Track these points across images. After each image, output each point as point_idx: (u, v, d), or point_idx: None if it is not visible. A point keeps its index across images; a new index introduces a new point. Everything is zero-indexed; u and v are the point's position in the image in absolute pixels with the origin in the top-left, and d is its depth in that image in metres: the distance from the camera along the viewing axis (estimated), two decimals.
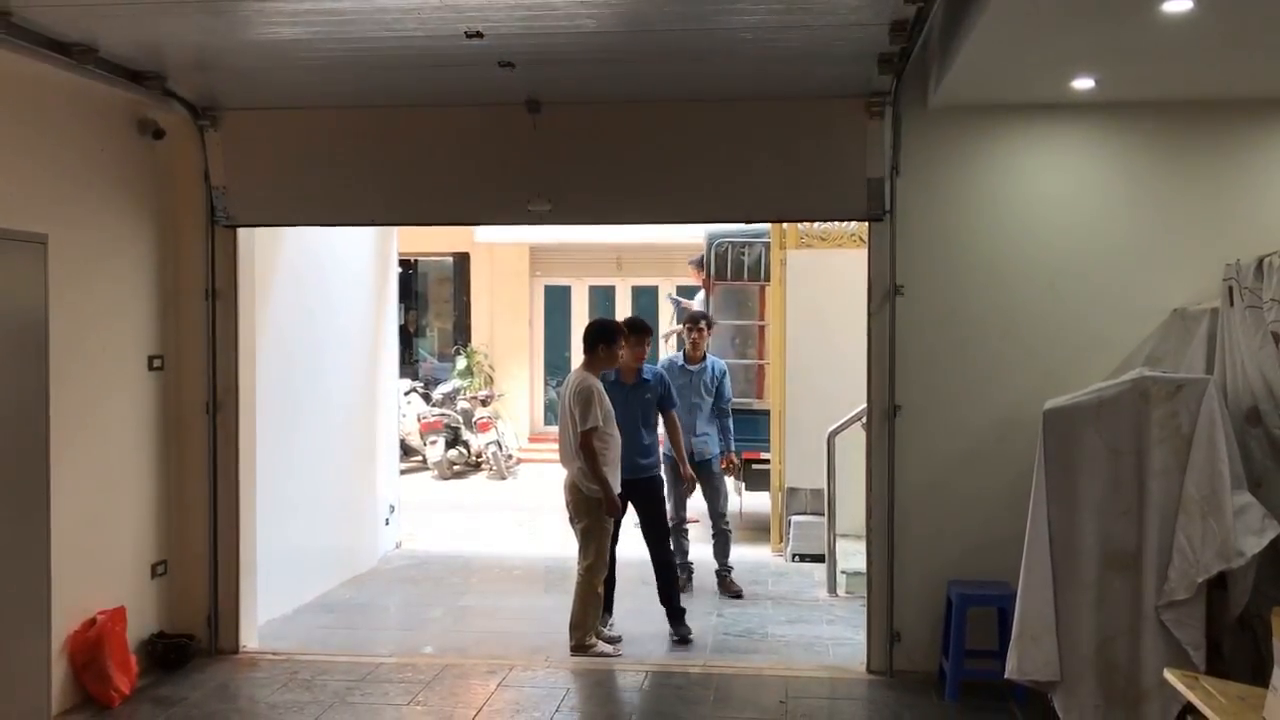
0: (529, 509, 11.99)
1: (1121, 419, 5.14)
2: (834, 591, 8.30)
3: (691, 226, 11.07)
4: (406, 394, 14.19)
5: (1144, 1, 4.45)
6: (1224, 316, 5.38)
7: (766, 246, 10.23)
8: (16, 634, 5.37)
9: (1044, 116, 6.25)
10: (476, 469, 14.89)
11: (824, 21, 5.08)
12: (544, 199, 6.57)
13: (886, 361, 6.35)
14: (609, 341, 6.99)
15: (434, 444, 14.37)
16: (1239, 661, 5.06)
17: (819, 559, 8.79)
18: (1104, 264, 6.23)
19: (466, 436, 14.76)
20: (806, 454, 9.03)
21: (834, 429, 8.33)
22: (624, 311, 15.47)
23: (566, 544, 7.57)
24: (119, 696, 5.94)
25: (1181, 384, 5.11)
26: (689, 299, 11.50)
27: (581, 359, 7.08)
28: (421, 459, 14.59)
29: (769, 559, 9.51)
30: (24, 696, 5.42)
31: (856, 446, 6.90)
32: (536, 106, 6.45)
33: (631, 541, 7.50)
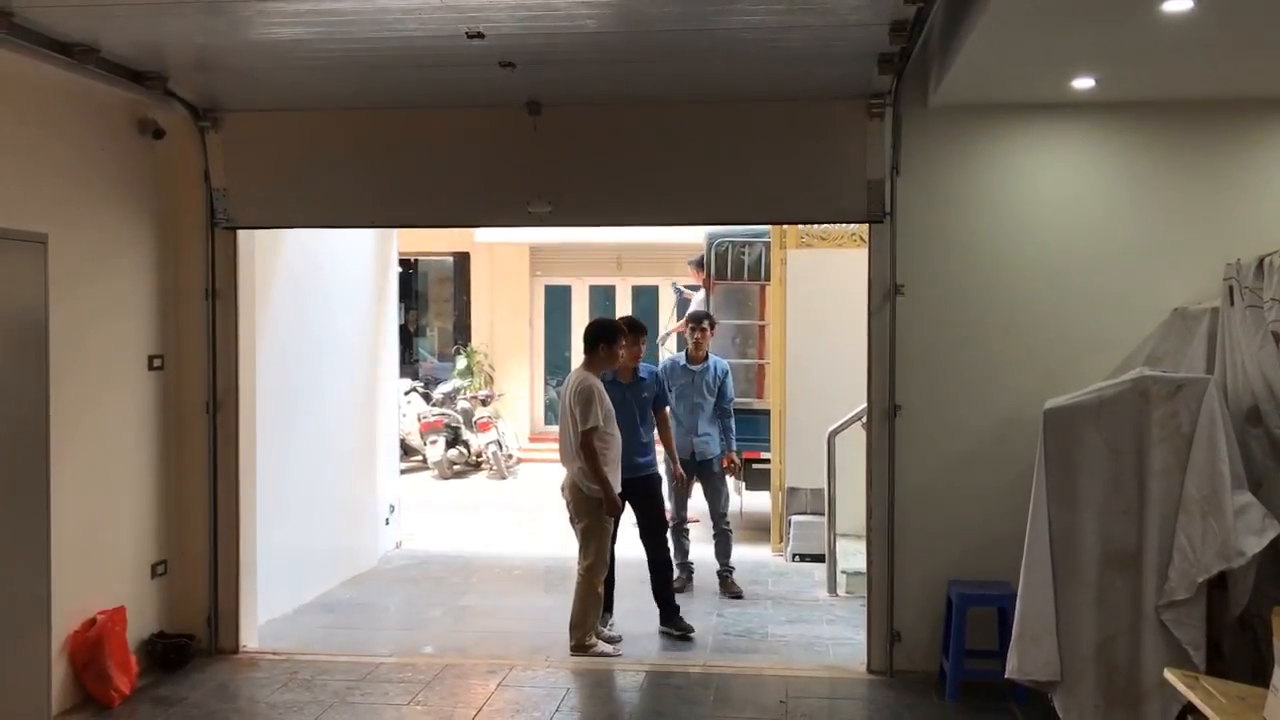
0: (529, 509, 11.98)
1: (1122, 419, 5.13)
2: (834, 591, 8.30)
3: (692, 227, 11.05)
4: (406, 394, 14.19)
5: (1144, 1, 4.45)
6: (1224, 316, 5.38)
7: (767, 246, 10.24)
8: (17, 634, 5.37)
9: (1044, 116, 6.25)
10: (477, 469, 14.89)
11: (824, 21, 5.08)
12: (544, 200, 6.57)
13: (887, 361, 6.35)
14: (609, 341, 6.99)
15: (434, 444, 14.37)
16: (1239, 661, 5.06)
17: (819, 559, 8.79)
18: (1104, 263, 6.23)
19: (467, 436, 14.76)
20: (806, 454, 9.03)
21: (834, 429, 8.33)
22: (624, 311, 15.47)
23: (566, 544, 7.57)
24: (119, 696, 5.94)
25: (1182, 384, 5.11)
26: (693, 289, 11.44)
27: (581, 359, 7.09)
28: (422, 459, 14.59)
29: (769, 559, 9.51)
30: (24, 696, 5.42)
31: (856, 446, 6.90)
32: (537, 108, 6.45)
33: (631, 541, 7.50)
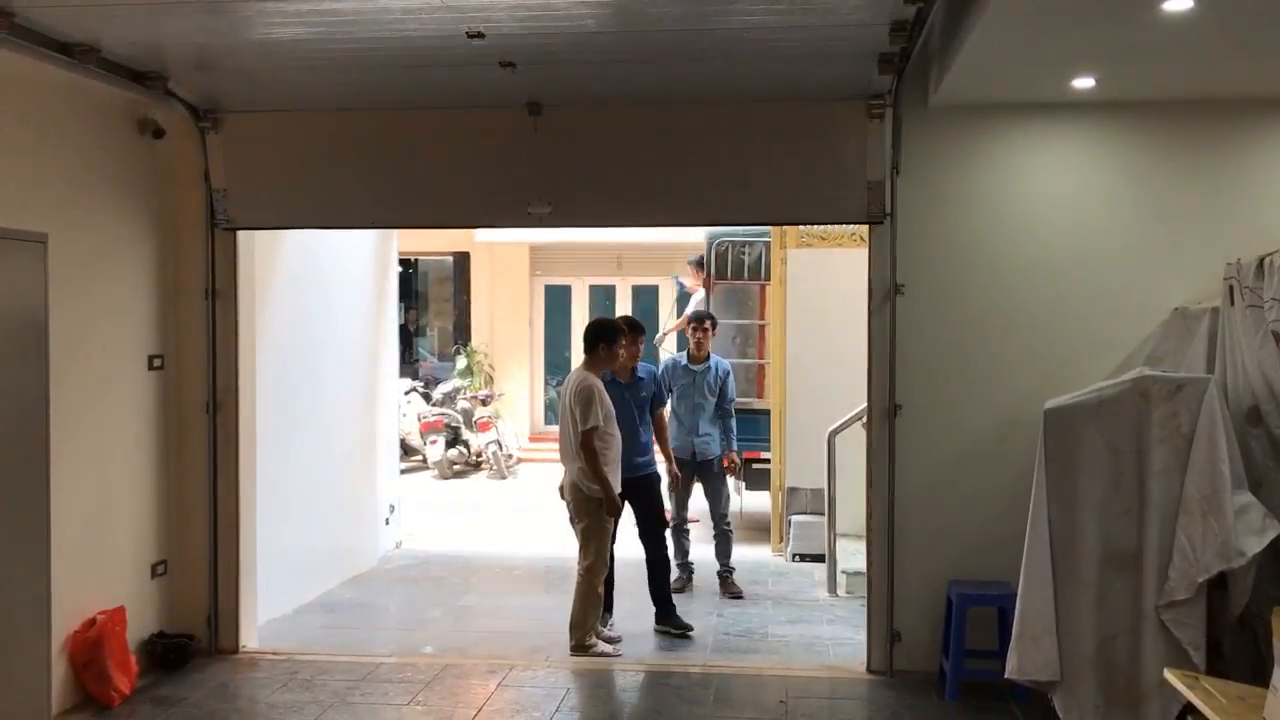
0: (529, 508, 11.98)
1: (1122, 418, 5.13)
2: (834, 591, 8.30)
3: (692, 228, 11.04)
4: (407, 393, 14.19)
5: (1144, 1, 4.45)
6: (1225, 316, 5.38)
7: (767, 246, 10.23)
8: (17, 634, 5.37)
9: (1044, 116, 6.25)
10: (477, 468, 14.88)
11: (824, 21, 5.08)
12: (544, 201, 6.57)
13: (887, 361, 6.35)
14: (609, 341, 6.99)
15: (434, 443, 14.37)
16: (1239, 661, 5.07)
17: (819, 559, 8.79)
18: (1105, 263, 6.23)
19: (467, 436, 14.76)
20: (806, 453, 9.02)
21: (834, 428, 8.33)
22: (624, 311, 15.46)
23: (566, 544, 7.56)
24: (119, 696, 5.94)
25: (1182, 383, 5.11)
26: (697, 268, 11.32)
27: (581, 358, 7.09)
28: (422, 458, 14.59)
29: (769, 559, 9.50)
30: (24, 696, 5.42)
31: (857, 446, 6.90)
32: (537, 109, 6.45)
33: (631, 541, 7.50)
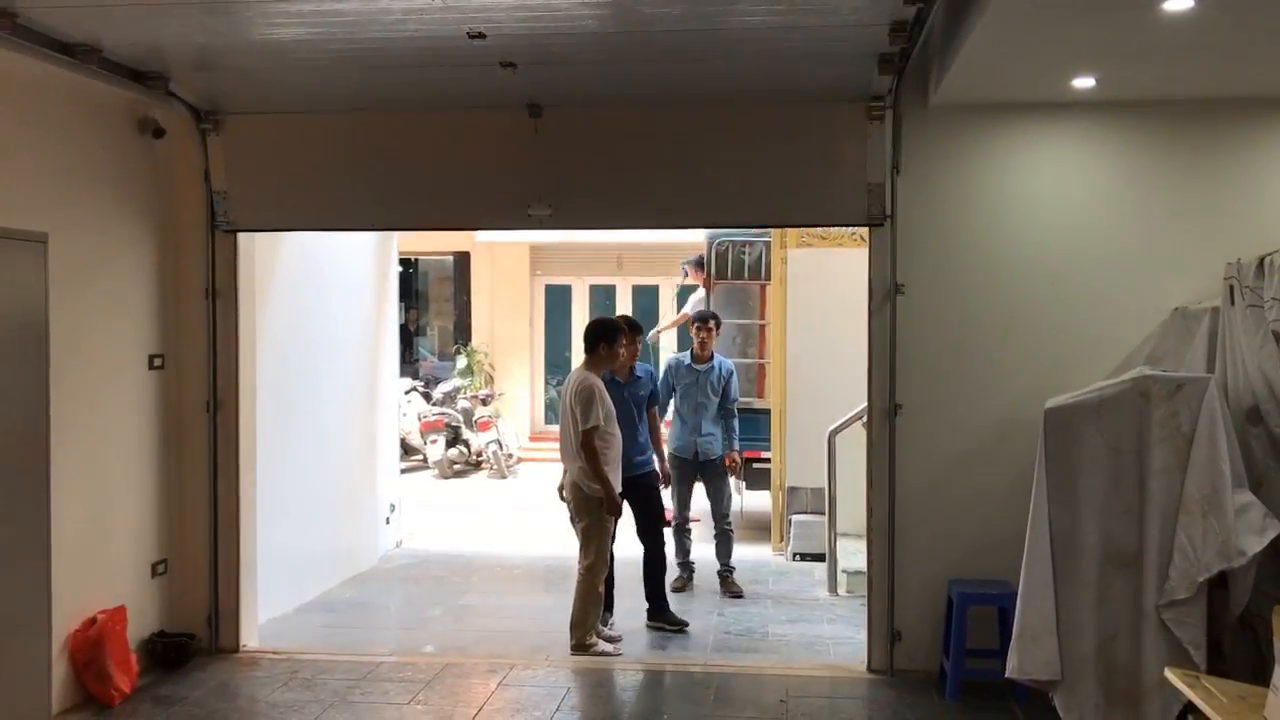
0: (529, 508, 11.97)
1: (1122, 418, 5.14)
2: (834, 590, 8.30)
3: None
4: (407, 393, 14.19)
5: (1145, 0, 4.45)
6: (1225, 315, 5.38)
7: (767, 245, 10.23)
8: (17, 633, 5.38)
9: (1044, 115, 6.25)
10: (477, 468, 14.88)
11: (824, 22, 5.08)
12: (544, 203, 6.57)
13: (887, 360, 6.35)
14: (610, 340, 6.99)
15: (434, 443, 14.37)
16: (1240, 660, 5.07)
17: (819, 558, 8.79)
18: (1105, 263, 6.23)
19: (467, 435, 14.76)
20: (807, 453, 9.02)
21: (834, 428, 8.33)
22: (625, 311, 15.46)
23: (567, 543, 7.57)
24: (119, 695, 5.95)
25: (1182, 383, 5.11)
26: (697, 268, 11.30)
27: (582, 358, 7.09)
28: (422, 458, 14.59)
29: (769, 558, 9.51)
30: (25, 696, 5.42)
31: (857, 445, 6.90)
32: (538, 111, 6.46)
33: (631, 540, 7.50)
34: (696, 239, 11.53)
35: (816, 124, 6.45)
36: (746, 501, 10.42)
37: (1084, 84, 5.76)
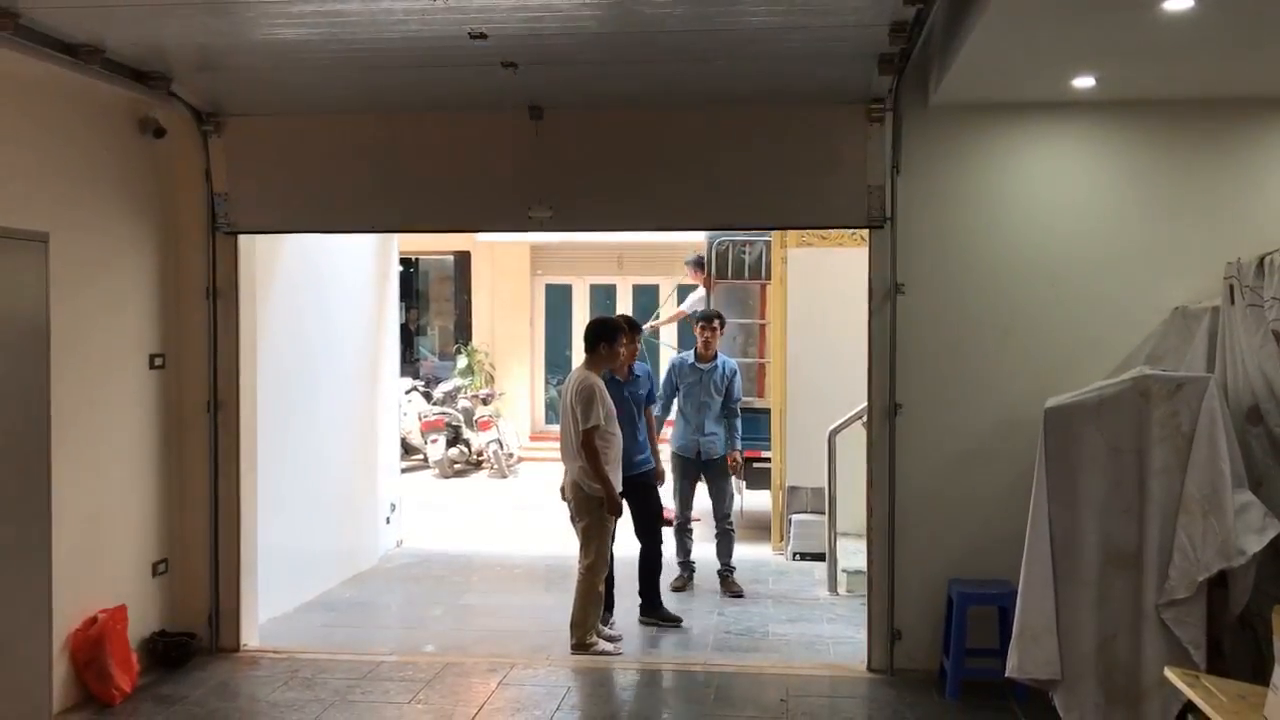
0: (530, 507, 11.99)
1: (1122, 417, 5.14)
2: (835, 590, 8.30)
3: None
4: (407, 393, 14.18)
5: (1145, 0, 4.45)
6: (1225, 315, 5.39)
7: (767, 245, 10.24)
8: (18, 632, 5.38)
9: (1044, 115, 6.25)
10: (477, 467, 14.88)
11: (824, 22, 5.09)
12: (545, 205, 6.57)
13: (887, 360, 6.36)
14: (610, 340, 6.99)
15: (435, 442, 14.37)
16: (1240, 660, 5.07)
17: (819, 557, 8.79)
18: (1105, 263, 6.23)
19: (467, 435, 14.76)
20: (807, 452, 9.03)
21: (834, 427, 8.34)
22: (625, 310, 15.45)
23: (567, 543, 7.57)
24: (120, 695, 5.95)
25: (1182, 382, 5.12)
26: (697, 268, 11.30)
27: (582, 357, 7.10)
28: (422, 457, 14.59)
29: (770, 557, 9.51)
30: (25, 695, 5.42)
31: (857, 445, 6.91)
32: (539, 113, 6.46)
33: (631, 540, 7.51)
34: (697, 238, 11.53)
35: (817, 126, 6.46)
36: (747, 501, 10.43)
37: (1084, 84, 5.77)
